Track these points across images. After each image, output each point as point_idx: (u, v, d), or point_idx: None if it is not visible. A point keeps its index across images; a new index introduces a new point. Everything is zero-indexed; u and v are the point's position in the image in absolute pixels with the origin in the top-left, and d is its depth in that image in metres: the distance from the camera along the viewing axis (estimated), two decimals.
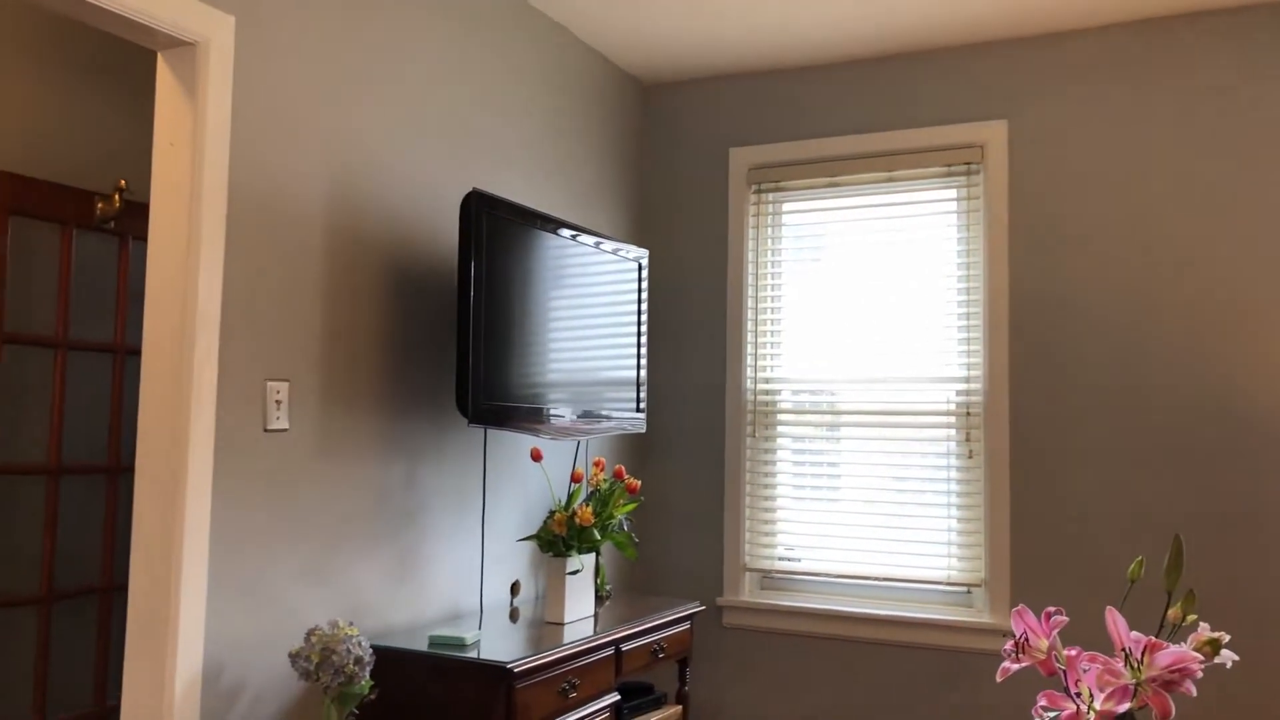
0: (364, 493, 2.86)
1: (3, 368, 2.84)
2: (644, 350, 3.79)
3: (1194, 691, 1.97)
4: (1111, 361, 3.62)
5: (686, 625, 3.58)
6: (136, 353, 3.16)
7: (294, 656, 2.37)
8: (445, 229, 3.21)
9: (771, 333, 4.19)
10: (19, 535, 2.91)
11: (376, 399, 2.92)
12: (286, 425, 2.61)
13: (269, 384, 2.56)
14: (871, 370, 3.98)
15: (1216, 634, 2.06)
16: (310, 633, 2.39)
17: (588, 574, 3.25)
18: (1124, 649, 2.01)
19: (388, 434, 2.96)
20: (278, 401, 2.58)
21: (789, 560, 4.08)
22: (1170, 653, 1.97)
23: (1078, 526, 3.62)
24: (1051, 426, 3.68)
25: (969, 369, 3.82)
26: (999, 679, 2.14)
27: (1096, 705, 2.03)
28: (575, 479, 3.23)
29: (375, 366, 2.91)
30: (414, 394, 3.06)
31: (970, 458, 3.79)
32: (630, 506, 3.32)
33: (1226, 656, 2.05)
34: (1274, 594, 3.37)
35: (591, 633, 2.99)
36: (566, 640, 2.87)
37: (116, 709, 2.99)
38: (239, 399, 2.48)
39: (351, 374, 2.83)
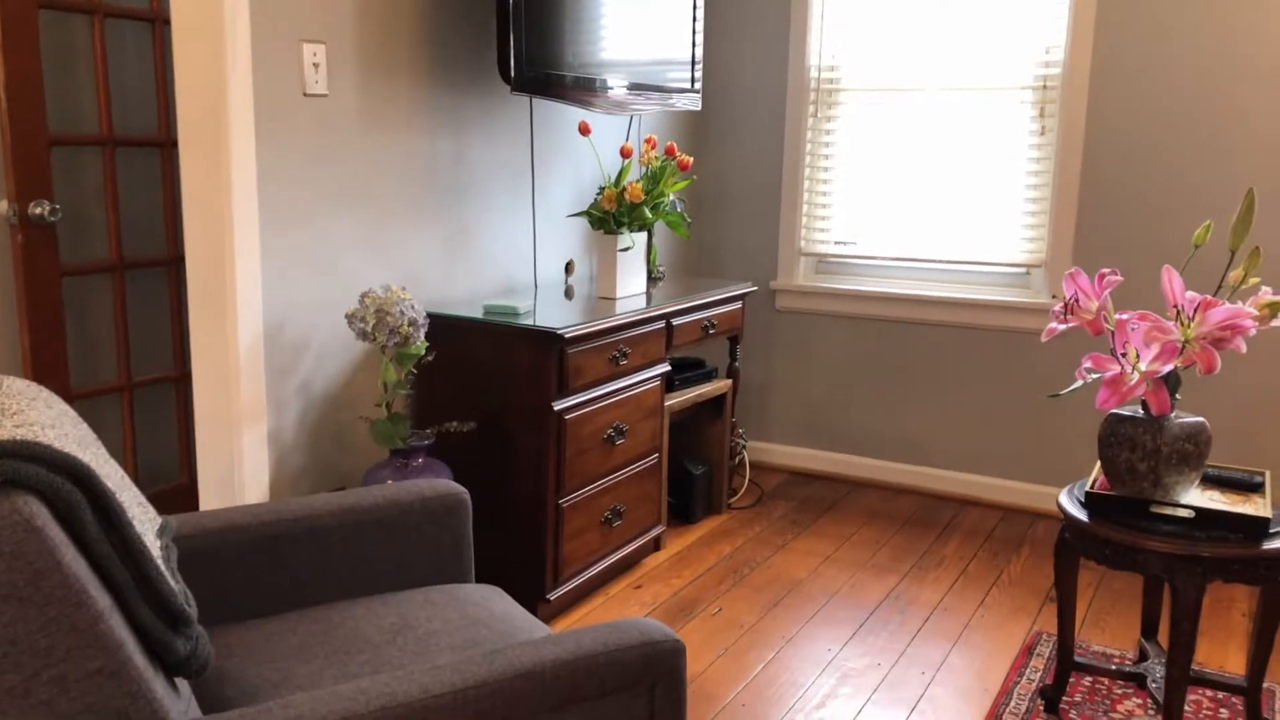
0: (412, 163, 2.84)
1: (43, 36, 2.79)
2: (699, 21, 3.57)
3: (1243, 349, 1.95)
4: (1202, 35, 3.31)
5: (738, 305, 3.62)
6: None
7: (350, 317, 2.45)
8: None
9: (839, 2, 3.90)
10: (89, 207, 2.98)
11: (419, 68, 2.82)
12: (326, 90, 2.55)
13: (305, 46, 2.47)
14: (946, 40, 3.71)
15: (1277, 296, 2.00)
16: (364, 295, 2.46)
17: (639, 252, 3.25)
18: (1176, 307, 1.97)
19: (433, 105, 2.88)
20: (315, 65, 2.50)
21: (844, 244, 4.03)
22: (1223, 310, 1.93)
23: (1146, 206, 3.48)
24: (1131, 100, 3.45)
25: (1050, 36, 3.54)
26: (1044, 339, 2.13)
27: (1142, 366, 2.02)
28: (624, 154, 3.16)
29: (415, 32, 2.79)
30: (458, 64, 2.95)
31: (1043, 134, 3.61)
32: (682, 184, 3.26)
33: None
34: None
35: (641, 307, 3.03)
36: (616, 313, 2.92)
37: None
38: (274, 62, 2.41)
39: (390, 39, 2.72)
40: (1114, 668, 2.42)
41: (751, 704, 2.47)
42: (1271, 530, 2.04)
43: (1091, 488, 2.19)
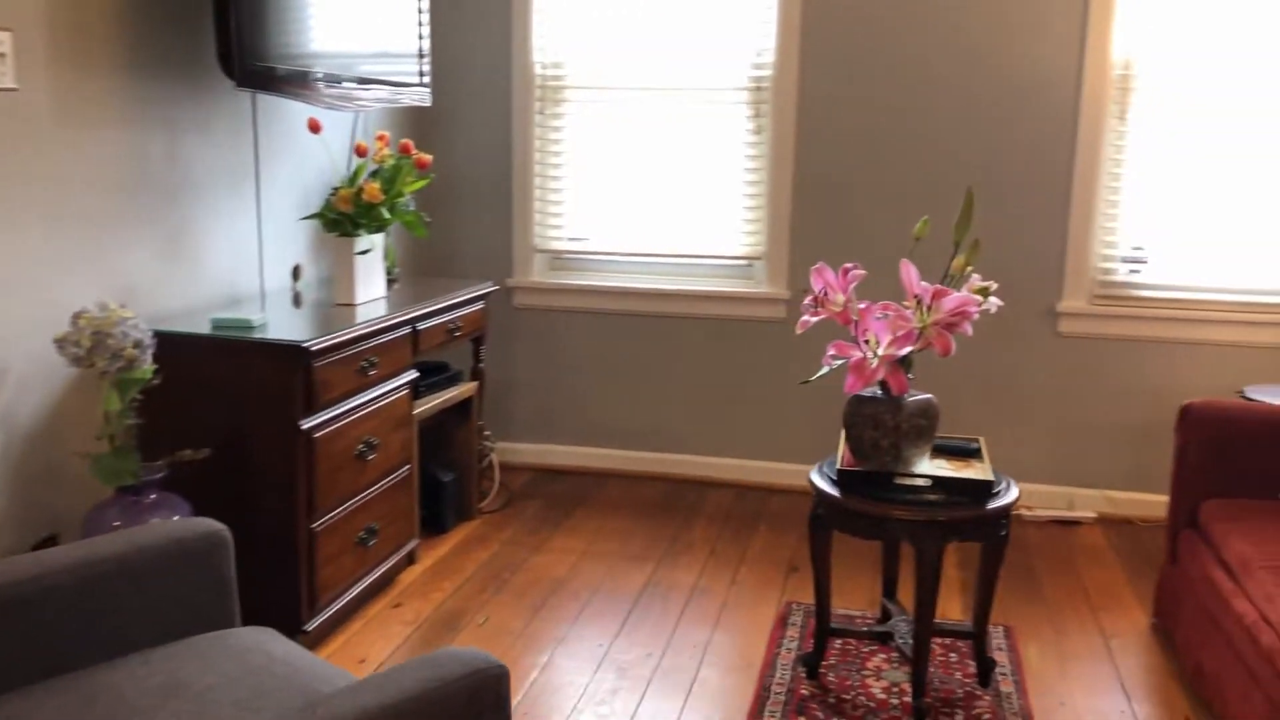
0: (120, 165, 2.54)
1: None
2: (425, 14, 3.46)
3: (970, 331, 2.17)
4: (909, 36, 3.65)
5: (480, 305, 3.56)
6: None
7: (61, 342, 2.17)
8: None
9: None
10: None
11: (127, 59, 2.53)
12: (14, 84, 2.23)
13: None
14: (664, 42, 3.83)
15: (986, 282, 2.25)
16: (77, 316, 2.18)
17: (377, 254, 3.11)
18: (915, 297, 2.16)
19: (142, 99, 2.60)
20: (0, 55, 2.18)
21: (577, 240, 4.08)
22: (954, 298, 2.13)
23: (857, 200, 3.78)
24: (840, 100, 3.73)
25: (760, 39, 3.76)
26: (799, 331, 2.26)
27: (880, 350, 2.20)
28: (359, 153, 3.01)
29: (121, 19, 2.50)
30: (170, 55, 2.68)
31: (758, 133, 3.82)
32: (420, 184, 3.15)
33: (993, 303, 2.25)
34: (1018, 249, 3.71)
35: (385, 313, 2.90)
36: (360, 320, 2.78)
37: None
38: None
39: (92, 27, 2.42)
40: (864, 629, 2.62)
41: (533, 711, 2.45)
42: (994, 491, 2.30)
43: (840, 465, 2.35)
